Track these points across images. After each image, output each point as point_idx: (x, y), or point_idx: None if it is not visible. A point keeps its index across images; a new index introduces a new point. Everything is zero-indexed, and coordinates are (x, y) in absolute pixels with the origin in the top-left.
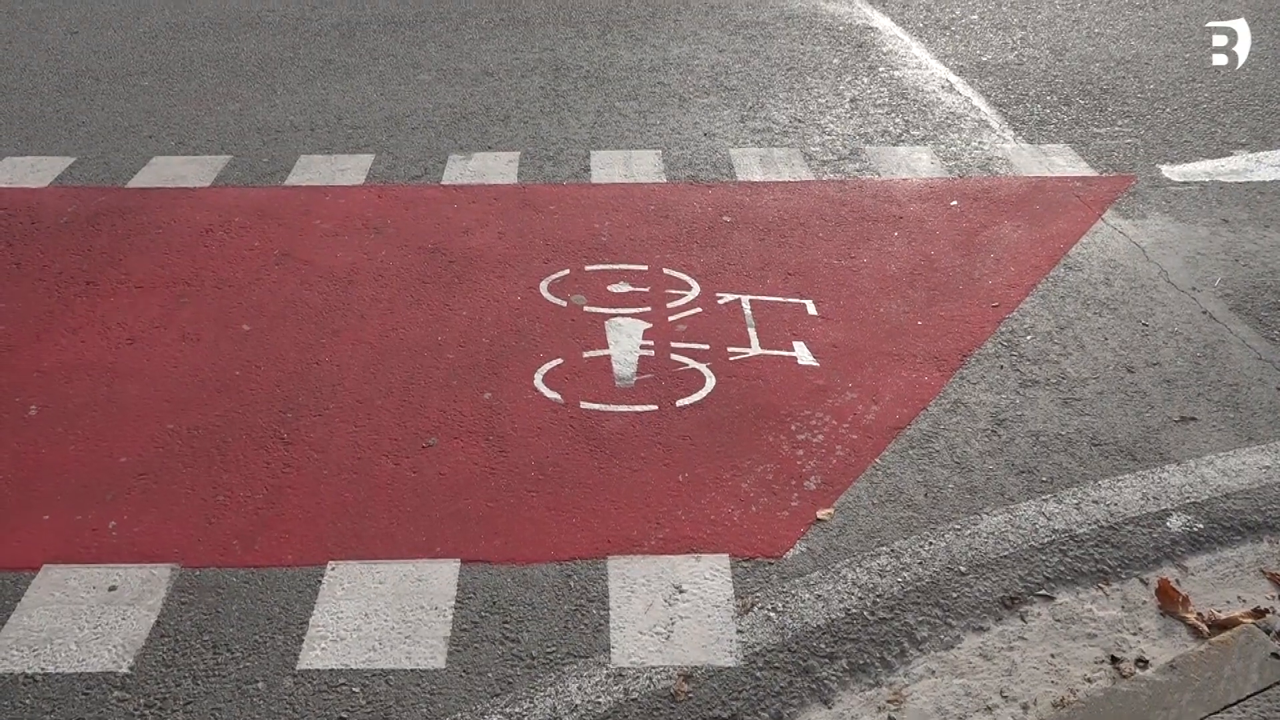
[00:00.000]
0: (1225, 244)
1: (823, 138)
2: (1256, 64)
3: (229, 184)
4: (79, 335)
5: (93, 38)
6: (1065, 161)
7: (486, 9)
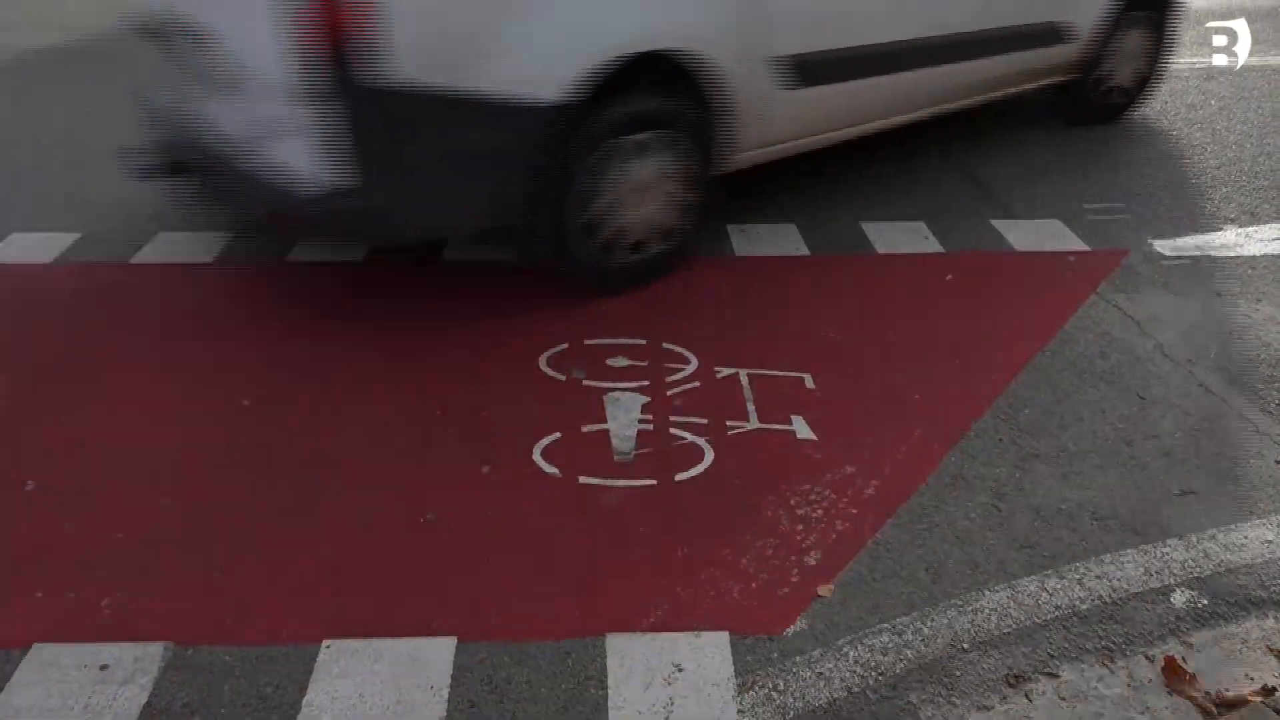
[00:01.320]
0: (1219, 318)
1: (818, 213)
2: (1242, 141)
3: (233, 258)
4: (79, 411)
5: (102, 117)
6: (1057, 236)
7: None
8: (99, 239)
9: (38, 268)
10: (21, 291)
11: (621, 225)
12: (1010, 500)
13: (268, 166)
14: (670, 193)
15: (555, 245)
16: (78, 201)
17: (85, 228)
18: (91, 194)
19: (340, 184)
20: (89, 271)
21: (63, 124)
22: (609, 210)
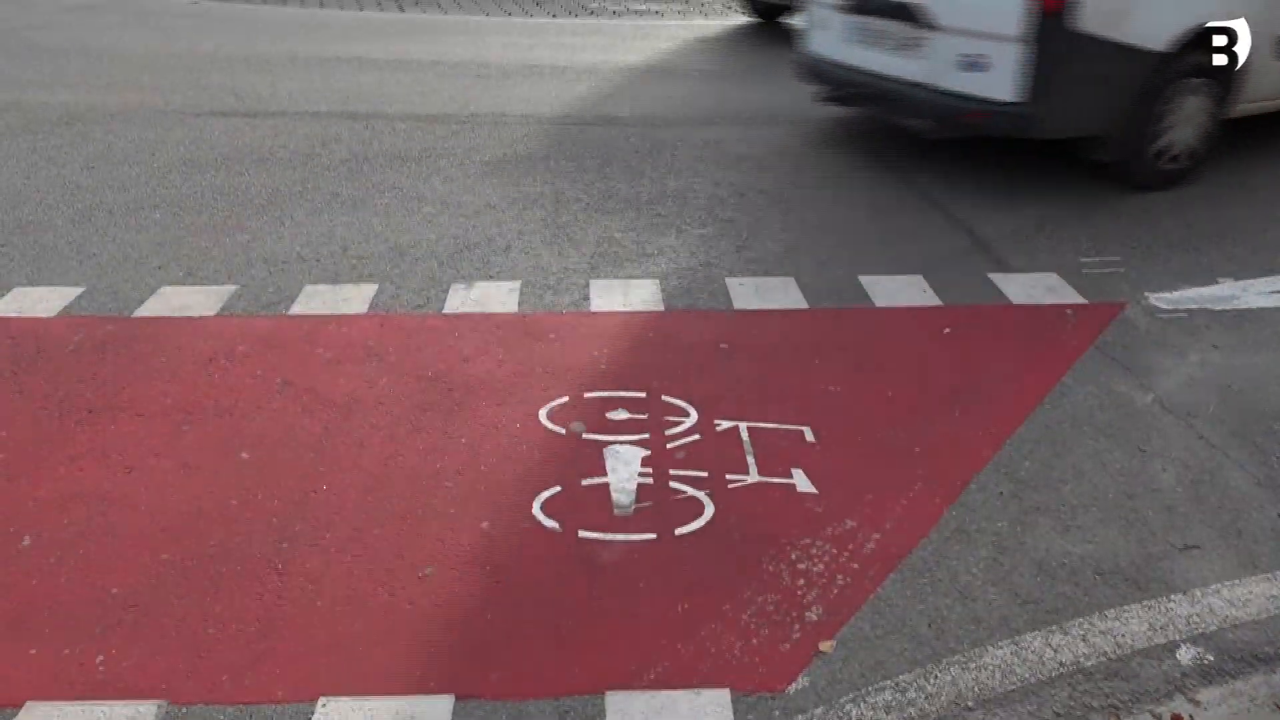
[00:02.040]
0: (1217, 370)
1: (817, 267)
2: (1232, 196)
3: (234, 313)
4: (77, 464)
5: (109, 172)
6: (1055, 289)
7: (490, 145)
8: (102, 293)
9: (39, 321)
10: (22, 344)
11: (1170, 141)
12: (1012, 554)
13: (950, 90)
14: (1201, 123)
15: (1130, 150)
16: (82, 255)
17: (88, 282)
18: (95, 248)
19: (1016, 99)
20: (90, 325)
21: (70, 178)
22: (1166, 130)
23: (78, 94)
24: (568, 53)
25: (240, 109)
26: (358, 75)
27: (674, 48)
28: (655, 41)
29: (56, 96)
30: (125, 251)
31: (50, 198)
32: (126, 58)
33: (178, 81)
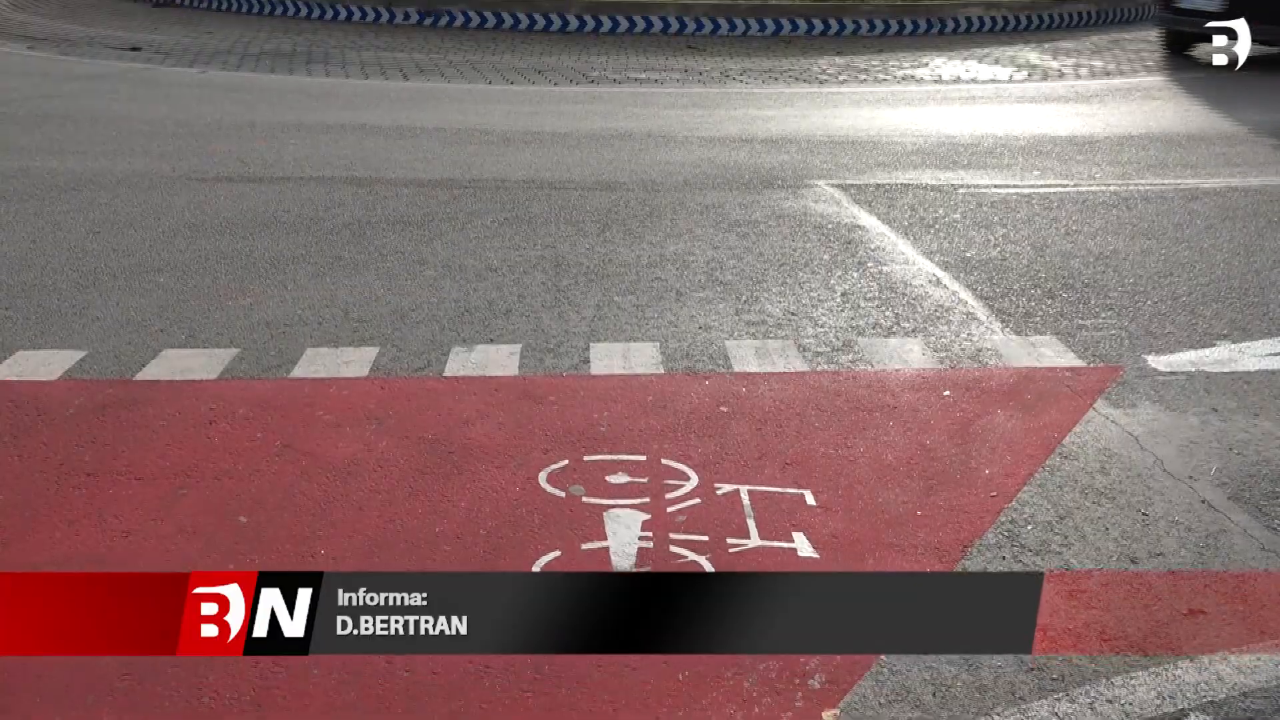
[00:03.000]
0: (1217, 433)
1: (816, 330)
2: (1230, 259)
3: (235, 376)
4: (75, 528)
5: (114, 237)
6: (1053, 352)
7: (491, 209)
8: (104, 356)
9: (40, 385)
10: (23, 408)
11: None
12: None
13: None
14: None
15: None
16: (85, 319)
17: (91, 345)
18: (98, 312)
19: None
20: (91, 388)
21: (75, 243)
22: None
23: (85, 161)
24: (569, 119)
25: (245, 174)
26: (362, 141)
27: (674, 114)
28: (654, 108)
29: (64, 163)
30: (128, 315)
31: (55, 262)
32: (134, 125)
33: (184, 148)
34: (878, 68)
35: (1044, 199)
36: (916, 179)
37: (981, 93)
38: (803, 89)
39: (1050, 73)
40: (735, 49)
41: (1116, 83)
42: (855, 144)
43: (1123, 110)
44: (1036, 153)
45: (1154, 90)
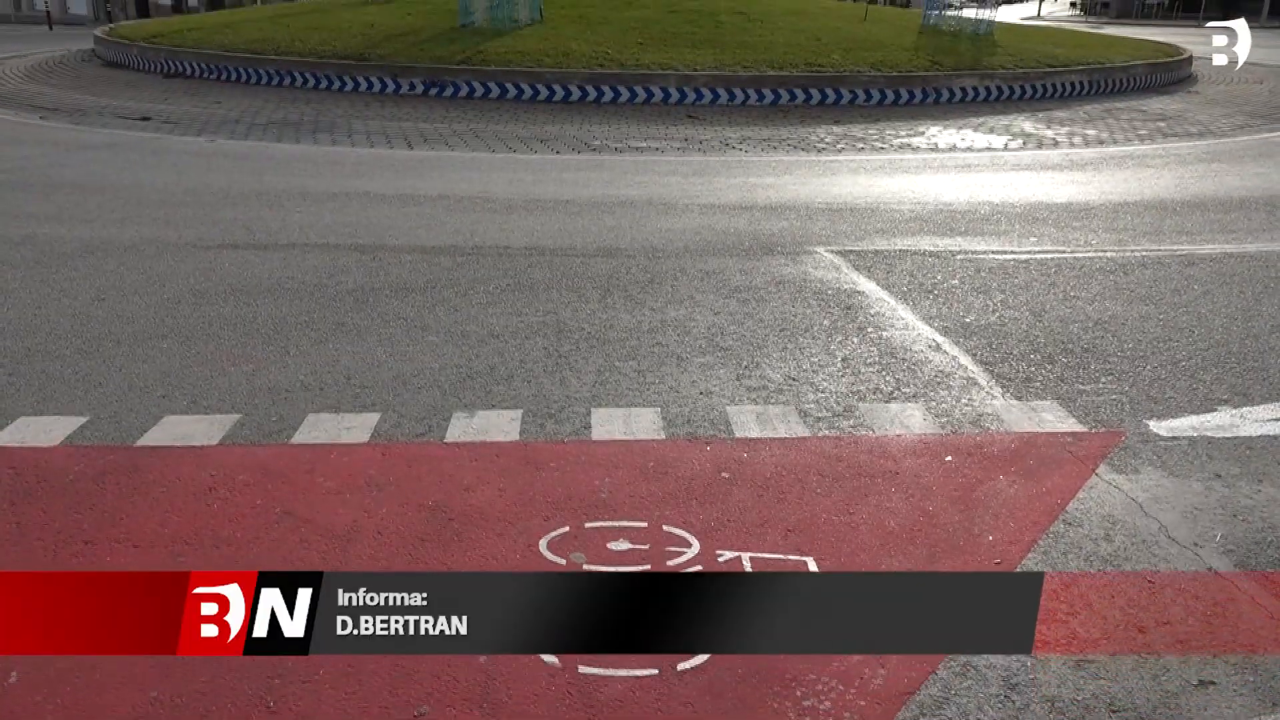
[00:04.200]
0: (1221, 499)
1: (817, 395)
2: (1228, 325)
3: (236, 442)
4: None
5: (118, 304)
6: (1054, 417)
7: (494, 275)
8: (106, 422)
9: (41, 451)
10: (23, 474)
11: None
12: (1023, 691)
13: None
14: None
15: None
16: (88, 385)
17: (93, 411)
18: (101, 378)
19: None
20: (91, 454)
21: (80, 310)
22: None
23: (93, 229)
24: (571, 187)
25: (250, 242)
26: (366, 209)
27: (675, 182)
28: (655, 176)
29: (72, 231)
30: (130, 381)
31: (60, 328)
32: (142, 194)
33: (190, 216)
34: (874, 136)
35: (1041, 265)
36: (915, 245)
37: (977, 161)
38: (801, 157)
39: (1045, 141)
40: (734, 118)
41: (1110, 151)
42: (854, 211)
43: (1117, 178)
44: (1033, 219)
45: (1147, 158)
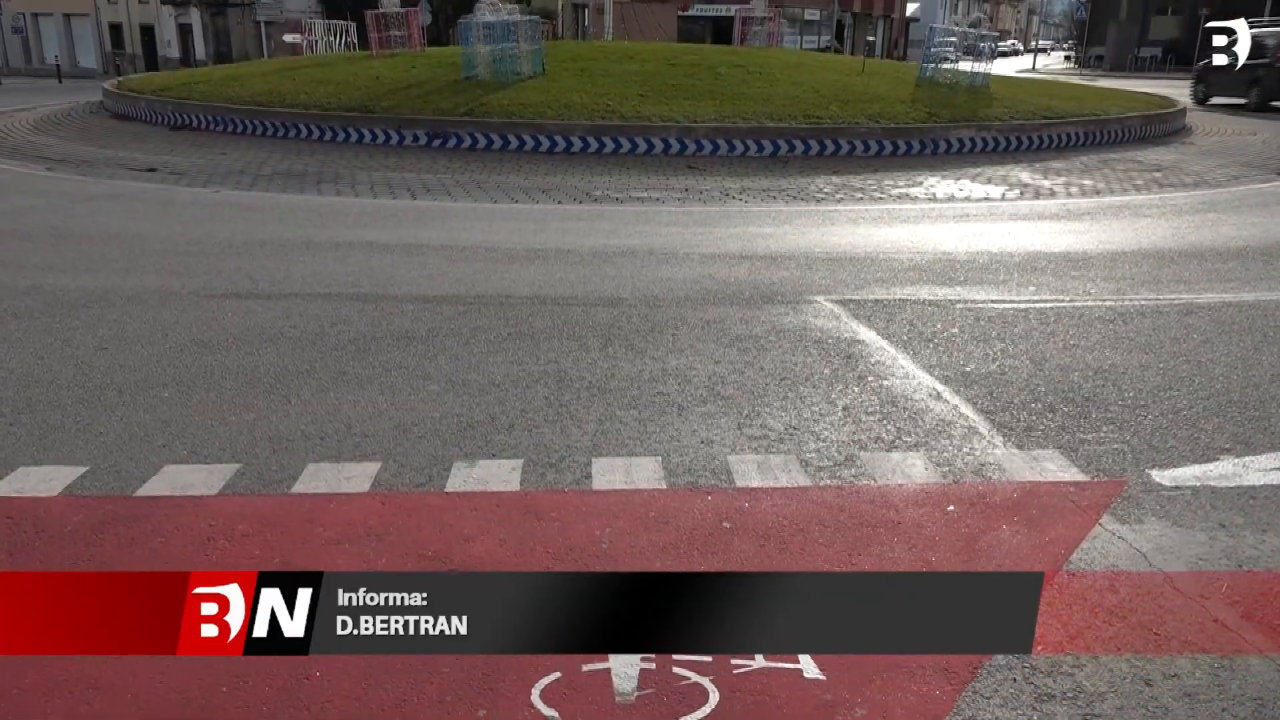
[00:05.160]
0: (1226, 549)
1: (818, 444)
2: (1228, 373)
3: (235, 492)
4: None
5: (120, 353)
6: (1056, 467)
7: (495, 324)
8: (106, 472)
9: (39, 501)
10: (20, 525)
11: None
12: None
13: None
14: None
15: None
16: (88, 434)
17: (93, 461)
18: (102, 427)
19: None
20: (90, 505)
21: (82, 359)
22: None
23: (97, 278)
24: (573, 236)
25: (253, 291)
26: (369, 259)
27: (675, 232)
28: (656, 225)
29: (76, 281)
30: (131, 430)
31: (61, 378)
32: (146, 244)
33: (194, 265)
34: (873, 187)
35: (1041, 314)
36: (914, 294)
37: (975, 210)
38: (800, 207)
39: (1042, 191)
40: (734, 169)
41: (1107, 201)
42: (853, 260)
43: (1114, 227)
44: (1032, 269)
45: (1144, 208)
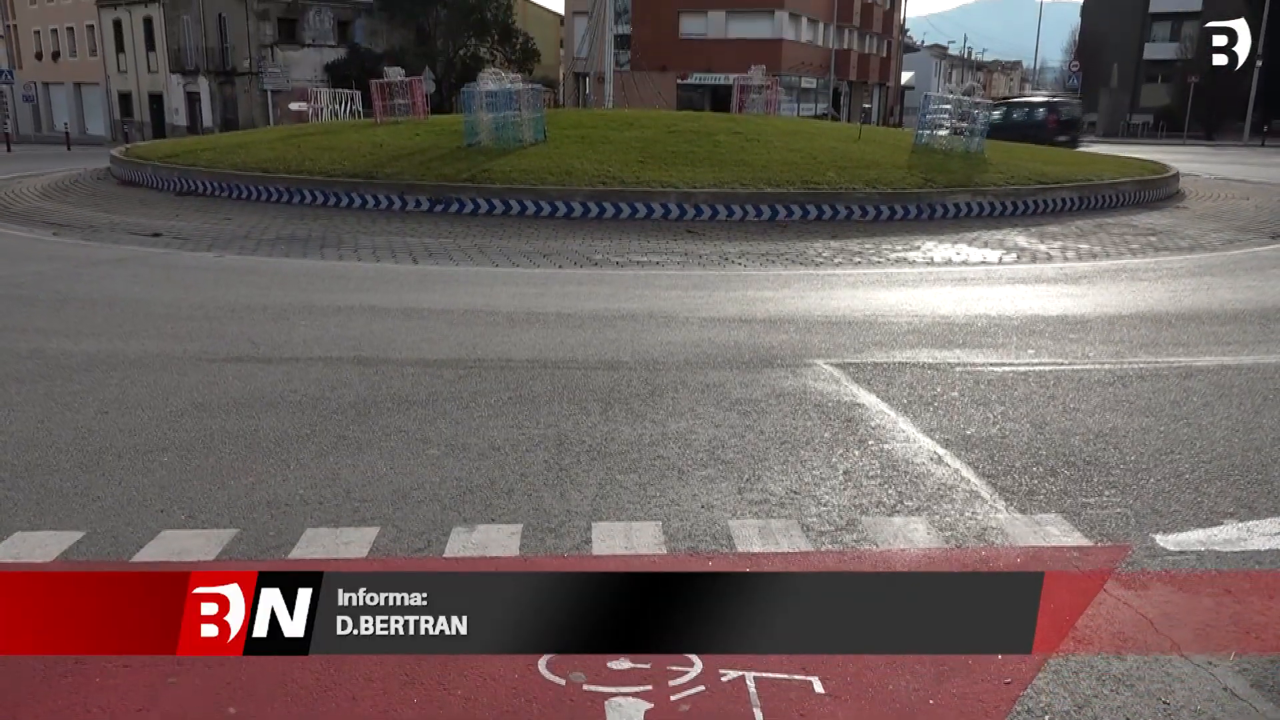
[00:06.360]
0: (1232, 615)
1: (819, 509)
2: (1229, 437)
3: (233, 558)
4: (60, 718)
5: (121, 417)
6: (1059, 531)
7: (496, 388)
8: (102, 537)
9: (34, 567)
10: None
11: None
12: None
13: None
14: None
15: None
16: (86, 499)
17: (90, 526)
18: (100, 491)
19: None
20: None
21: (82, 423)
22: None
23: (99, 342)
24: (573, 300)
25: (255, 355)
26: (370, 323)
27: (675, 295)
28: (656, 289)
29: (79, 345)
30: (129, 495)
31: (61, 442)
32: (149, 308)
33: (196, 329)
34: (871, 251)
35: (1040, 377)
36: (914, 358)
37: (973, 274)
38: (799, 271)
39: (1039, 255)
40: (733, 233)
41: (1103, 264)
42: (852, 324)
43: (1112, 291)
44: (1030, 332)
45: (1140, 272)
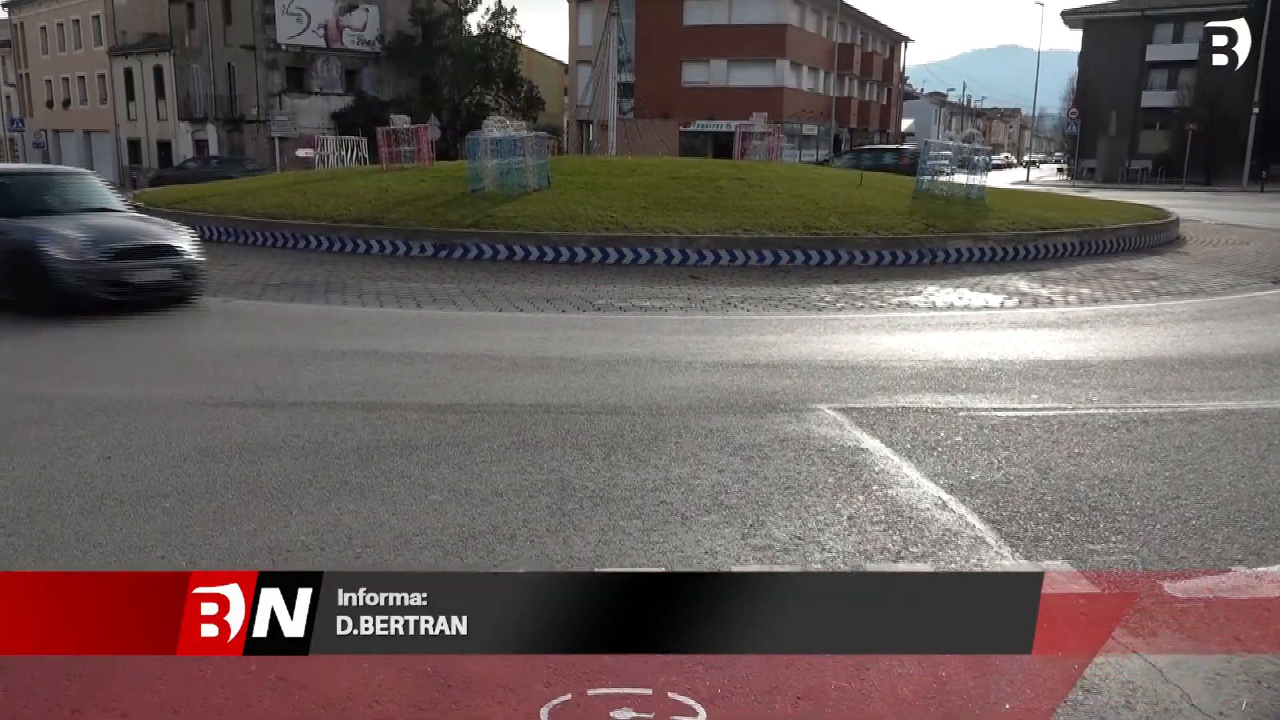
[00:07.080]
0: (1243, 664)
1: (823, 555)
2: (1235, 482)
3: None
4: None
5: (124, 462)
6: (1065, 578)
7: (498, 433)
8: None
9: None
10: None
11: None
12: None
13: None
14: None
15: None
16: (87, 545)
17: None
18: (101, 538)
19: None
20: None
21: (85, 469)
22: None
23: (103, 388)
24: (576, 345)
25: (259, 400)
26: (374, 368)
27: (678, 340)
28: (659, 334)
29: (83, 390)
30: (130, 541)
31: (63, 487)
32: (153, 354)
33: (201, 374)
34: (873, 295)
35: (1044, 422)
36: (917, 402)
37: (975, 319)
38: (802, 316)
39: (1040, 300)
40: (736, 279)
41: (1105, 309)
42: (855, 369)
43: (1114, 335)
44: (1033, 376)
45: (1142, 317)
